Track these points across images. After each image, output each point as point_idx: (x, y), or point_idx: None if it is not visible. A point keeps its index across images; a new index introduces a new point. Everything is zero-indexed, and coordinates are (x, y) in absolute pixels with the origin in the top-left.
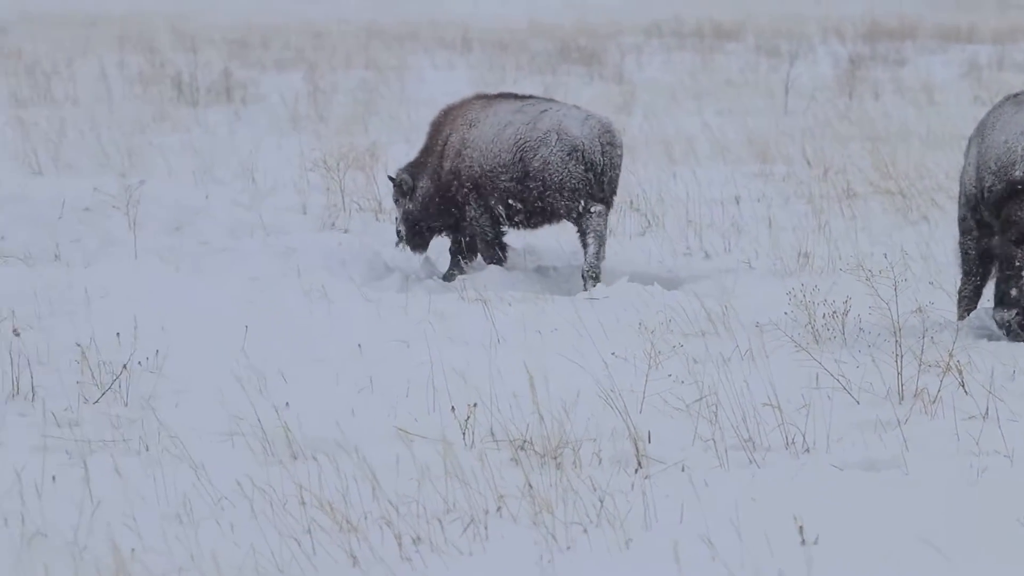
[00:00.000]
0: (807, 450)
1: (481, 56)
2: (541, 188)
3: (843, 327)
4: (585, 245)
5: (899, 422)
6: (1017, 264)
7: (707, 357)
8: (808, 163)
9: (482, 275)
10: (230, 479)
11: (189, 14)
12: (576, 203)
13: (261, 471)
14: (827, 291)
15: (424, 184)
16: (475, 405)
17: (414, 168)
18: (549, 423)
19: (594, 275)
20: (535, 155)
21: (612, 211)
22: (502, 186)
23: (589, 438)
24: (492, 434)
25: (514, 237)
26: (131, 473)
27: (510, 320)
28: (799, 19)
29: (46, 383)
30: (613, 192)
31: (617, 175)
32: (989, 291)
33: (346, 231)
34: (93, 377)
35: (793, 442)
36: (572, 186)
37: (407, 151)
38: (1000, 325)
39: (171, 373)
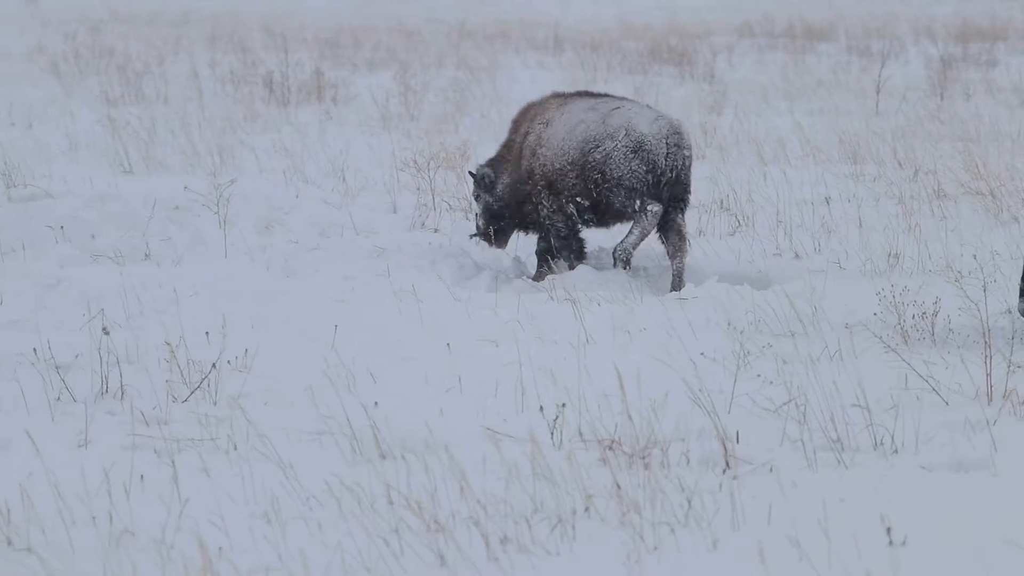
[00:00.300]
0: (895, 451)
1: (572, 56)
2: (600, 180)
3: (932, 328)
4: (628, 232)
5: (988, 423)
6: None
7: (796, 357)
8: (899, 164)
9: (572, 275)
10: (318, 478)
11: (281, 13)
12: (632, 201)
13: (349, 470)
14: (916, 292)
15: (504, 180)
16: (564, 405)
17: (495, 163)
18: (637, 423)
19: (624, 258)
20: (598, 147)
21: (704, 211)
22: (570, 184)
23: (677, 438)
24: (580, 434)
25: (604, 237)
26: (219, 472)
27: (599, 320)
28: (890, 19)
29: (135, 382)
30: (685, 192)
31: (684, 176)
32: None
33: (436, 231)
34: (182, 376)
35: (881, 443)
36: (630, 184)
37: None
38: (1022, 313)
39: (260, 372)
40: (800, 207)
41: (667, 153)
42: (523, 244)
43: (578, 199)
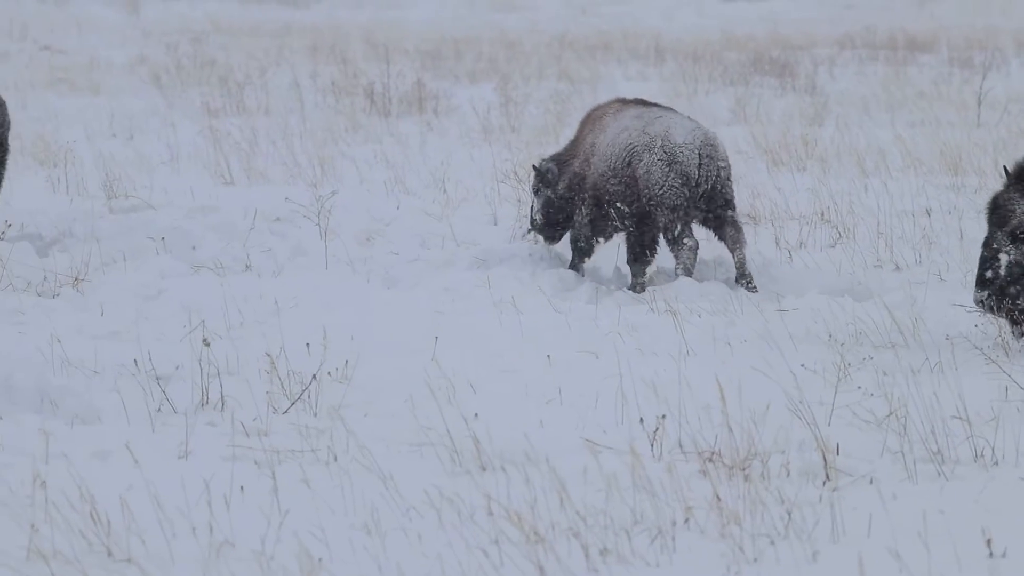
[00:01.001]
0: (996, 463)
1: (673, 67)
2: (648, 197)
3: None
4: (675, 275)
5: None
6: (994, 247)
7: (897, 369)
8: (1000, 175)
9: (672, 286)
10: (418, 489)
11: (382, 24)
12: (674, 224)
13: (449, 481)
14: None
15: (566, 178)
16: (664, 416)
17: (560, 160)
18: (738, 435)
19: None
20: (641, 160)
21: (805, 223)
22: (612, 188)
23: (778, 450)
24: (680, 445)
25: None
26: (319, 483)
27: (700, 331)
28: (992, 31)
29: (236, 393)
30: (728, 202)
31: (722, 187)
32: None
33: (536, 242)
34: (282, 387)
35: (982, 455)
36: (672, 202)
37: None
38: (977, 303)
39: (360, 383)
40: (901, 219)
41: (699, 163)
42: (622, 254)
43: (618, 204)
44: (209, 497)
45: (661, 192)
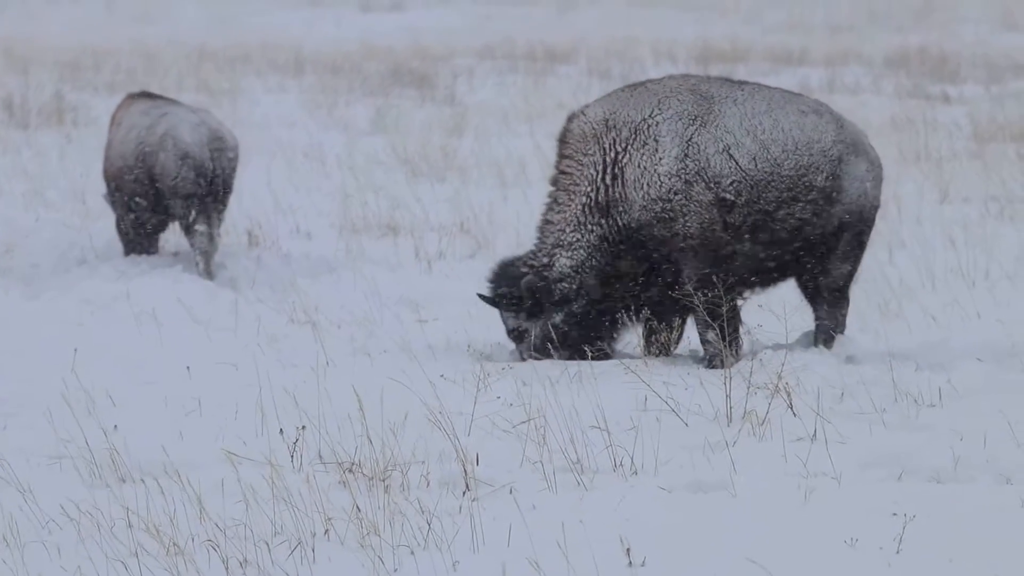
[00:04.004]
0: (635, 472)
1: (313, 79)
2: (162, 191)
3: (673, 349)
4: (196, 263)
5: (727, 444)
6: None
7: (536, 379)
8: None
9: (311, 294)
10: (56, 502)
11: (21, 35)
12: (188, 211)
13: (88, 494)
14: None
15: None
16: (303, 428)
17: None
18: (377, 445)
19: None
20: (155, 159)
21: (444, 234)
22: (128, 186)
23: (417, 461)
24: (320, 457)
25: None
26: None
27: (339, 342)
28: (632, 42)
29: None
30: (227, 192)
31: (228, 177)
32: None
33: (176, 254)
34: None
35: (621, 464)
36: (185, 191)
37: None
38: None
39: None
40: None
41: (211, 157)
42: (264, 266)
43: (137, 199)
44: None
45: (174, 183)
